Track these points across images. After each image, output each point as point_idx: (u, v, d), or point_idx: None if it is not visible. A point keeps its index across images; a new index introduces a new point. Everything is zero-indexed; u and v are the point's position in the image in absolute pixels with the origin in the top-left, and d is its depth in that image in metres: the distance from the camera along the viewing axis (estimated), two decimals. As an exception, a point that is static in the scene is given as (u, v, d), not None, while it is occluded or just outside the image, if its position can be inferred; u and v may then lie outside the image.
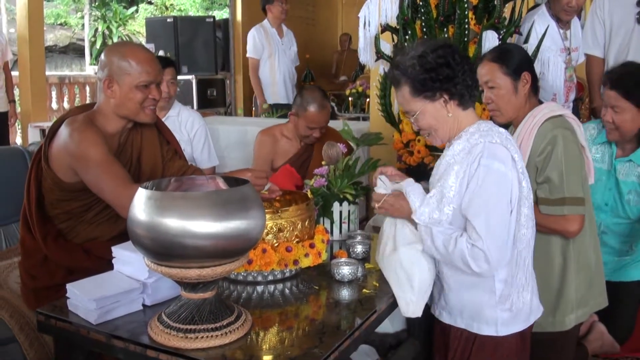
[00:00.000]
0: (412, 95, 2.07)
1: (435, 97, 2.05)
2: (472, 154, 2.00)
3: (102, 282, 1.96)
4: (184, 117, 3.97)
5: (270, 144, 3.59)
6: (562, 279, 2.47)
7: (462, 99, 2.07)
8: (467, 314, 2.12)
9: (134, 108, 2.41)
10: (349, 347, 1.79)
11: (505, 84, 2.46)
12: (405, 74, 2.06)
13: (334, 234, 2.65)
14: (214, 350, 1.66)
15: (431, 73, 2.02)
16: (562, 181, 2.33)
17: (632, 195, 2.87)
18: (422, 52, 2.04)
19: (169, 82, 3.79)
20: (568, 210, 2.32)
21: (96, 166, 2.26)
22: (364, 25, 3.63)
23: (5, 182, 3.17)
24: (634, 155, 2.83)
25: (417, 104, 2.08)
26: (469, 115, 2.11)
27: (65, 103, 9.04)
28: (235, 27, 7.72)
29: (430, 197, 2.04)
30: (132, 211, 1.63)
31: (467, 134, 2.07)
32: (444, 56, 2.02)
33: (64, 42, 24.19)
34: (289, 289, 2.13)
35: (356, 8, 4.02)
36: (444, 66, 2.02)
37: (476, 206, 1.96)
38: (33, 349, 2.43)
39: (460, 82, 2.04)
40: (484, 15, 3.37)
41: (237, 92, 7.68)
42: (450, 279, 2.13)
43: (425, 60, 2.02)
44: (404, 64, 2.07)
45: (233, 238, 1.60)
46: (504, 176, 1.97)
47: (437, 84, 2.03)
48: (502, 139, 2.02)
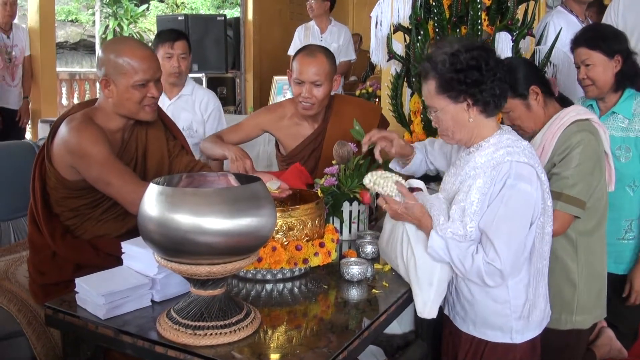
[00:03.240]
0: (437, 91, 2.03)
1: (459, 99, 2.01)
2: (497, 171, 1.96)
3: (111, 278, 1.96)
4: (199, 95, 3.79)
5: (269, 117, 3.18)
6: (564, 279, 2.43)
7: (486, 107, 2.02)
8: (481, 323, 2.11)
9: (132, 107, 2.38)
10: (358, 347, 1.78)
11: (516, 107, 2.42)
12: (435, 69, 2.02)
13: (344, 233, 2.63)
14: (223, 348, 1.65)
15: (460, 74, 1.97)
16: (567, 178, 2.29)
17: (621, 151, 2.81)
18: (456, 50, 1.99)
19: (180, 57, 3.62)
20: (560, 206, 2.28)
21: (99, 165, 2.25)
22: (376, 25, 3.61)
23: (14, 177, 3.17)
24: (617, 107, 2.79)
25: (440, 102, 2.04)
26: (491, 125, 2.07)
27: (76, 99, 9.09)
28: (246, 26, 7.73)
29: (453, 214, 2.00)
30: (143, 207, 1.62)
31: (490, 146, 2.03)
32: (476, 58, 1.97)
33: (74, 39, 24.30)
34: (298, 287, 2.13)
35: (367, 8, 4.03)
36: (474, 69, 1.97)
37: (498, 226, 1.93)
38: (40, 343, 2.43)
39: (487, 89, 1.98)
40: (497, 17, 3.35)
41: (247, 90, 7.69)
42: (465, 288, 2.12)
43: (457, 59, 1.97)
44: (436, 57, 2.02)
45: (244, 235, 1.59)
46: (529, 195, 1.95)
47: (463, 86, 1.98)
48: (528, 157, 1.99)
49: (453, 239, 1.97)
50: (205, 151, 3.05)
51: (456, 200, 2.03)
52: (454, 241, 1.97)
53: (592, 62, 2.71)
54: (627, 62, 2.72)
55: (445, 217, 2.00)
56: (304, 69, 2.91)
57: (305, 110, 2.98)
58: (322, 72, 2.91)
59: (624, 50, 2.72)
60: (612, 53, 2.69)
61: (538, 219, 2.00)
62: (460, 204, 2.00)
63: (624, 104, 2.76)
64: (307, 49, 2.99)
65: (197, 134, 3.72)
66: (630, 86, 2.78)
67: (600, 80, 2.72)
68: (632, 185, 2.76)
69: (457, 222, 1.98)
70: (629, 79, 2.76)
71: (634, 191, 2.76)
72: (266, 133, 3.26)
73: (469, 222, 1.96)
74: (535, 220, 1.99)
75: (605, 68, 2.71)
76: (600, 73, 2.71)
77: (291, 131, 3.14)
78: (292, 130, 3.14)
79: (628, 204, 2.78)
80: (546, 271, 2.13)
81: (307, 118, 3.07)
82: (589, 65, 2.72)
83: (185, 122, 3.69)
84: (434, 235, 1.99)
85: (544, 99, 2.45)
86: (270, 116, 3.17)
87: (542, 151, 2.41)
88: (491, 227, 1.94)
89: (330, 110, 3.10)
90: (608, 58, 2.70)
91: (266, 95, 6.80)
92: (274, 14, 7.78)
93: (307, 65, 2.91)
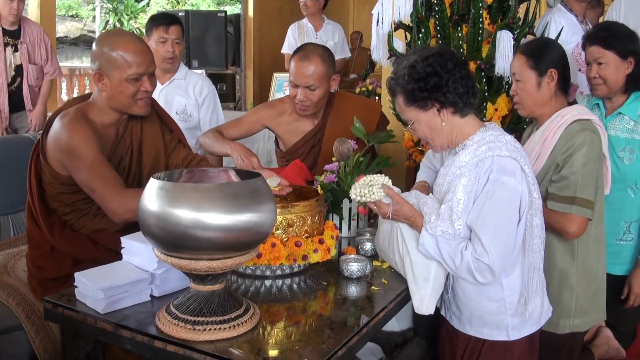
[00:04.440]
0: (405, 104, 2.08)
1: (427, 106, 2.05)
2: (480, 167, 1.98)
3: (111, 272, 1.95)
4: (192, 80, 3.74)
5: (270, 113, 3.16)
6: (562, 283, 2.44)
7: (456, 107, 2.05)
8: (477, 322, 2.12)
9: (125, 101, 2.36)
10: (356, 343, 1.78)
11: (529, 78, 2.44)
12: (398, 83, 2.07)
13: (343, 230, 2.63)
14: (222, 343, 1.65)
15: (419, 83, 2.01)
16: (577, 181, 2.31)
17: (625, 153, 2.81)
18: (414, 61, 2.03)
19: (174, 42, 3.57)
20: (576, 210, 2.29)
21: (86, 167, 2.24)
22: (377, 23, 3.60)
23: (13, 171, 3.17)
24: (623, 108, 2.79)
25: (411, 113, 2.08)
26: (470, 123, 2.09)
27: (75, 94, 9.09)
28: (246, 23, 7.72)
29: (442, 212, 2.02)
30: (143, 201, 1.62)
31: (474, 144, 2.05)
32: (432, 65, 2.01)
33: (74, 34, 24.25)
34: (297, 284, 2.13)
35: (368, 6, 4.01)
36: (432, 75, 2.00)
37: (484, 221, 1.94)
38: (39, 337, 2.43)
39: (450, 91, 2.01)
40: (498, 15, 3.35)
41: (247, 87, 7.68)
42: (460, 287, 2.13)
43: (415, 70, 2.02)
44: (397, 72, 2.07)
45: (244, 231, 1.59)
46: (513, 189, 1.96)
47: (425, 93, 2.02)
48: (511, 150, 2.00)
49: (443, 237, 1.98)
50: (206, 147, 3.03)
51: (445, 200, 2.05)
52: (444, 239, 1.98)
53: (605, 61, 2.70)
54: (639, 64, 2.71)
55: (436, 216, 2.01)
56: (298, 73, 2.90)
57: (301, 111, 2.99)
58: (317, 77, 2.90)
59: (638, 53, 2.71)
60: (626, 54, 2.68)
61: (526, 212, 2.00)
62: (449, 203, 2.02)
63: (630, 106, 2.75)
64: (303, 51, 2.97)
65: (192, 118, 3.69)
66: (638, 89, 2.77)
67: (611, 80, 2.72)
68: (634, 187, 2.75)
69: (446, 221, 1.99)
70: (639, 81, 2.75)
71: (635, 193, 2.76)
72: (266, 130, 3.25)
73: (457, 220, 1.98)
74: (524, 214, 2.00)
75: (618, 68, 2.70)
76: (612, 73, 2.71)
77: (291, 127, 3.13)
78: (292, 127, 3.13)
79: (629, 206, 2.77)
80: (540, 265, 2.13)
81: (307, 115, 3.07)
82: (601, 64, 2.71)
83: (179, 106, 3.66)
84: (425, 233, 2.01)
85: (556, 88, 2.46)
86: (270, 112, 3.17)
87: (541, 147, 2.41)
88: (477, 223, 1.95)
89: (330, 107, 3.10)
90: (621, 59, 2.69)
91: (266, 92, 6.80)
92: (274, 10, 7.77)
93: (301, 69, 2.90)
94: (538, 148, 2.43)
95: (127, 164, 2.48)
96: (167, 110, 2.82)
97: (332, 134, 2.96)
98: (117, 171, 2.35)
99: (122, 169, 2.46)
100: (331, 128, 3.05)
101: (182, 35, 3.64)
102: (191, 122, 3.67)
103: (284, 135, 3.17)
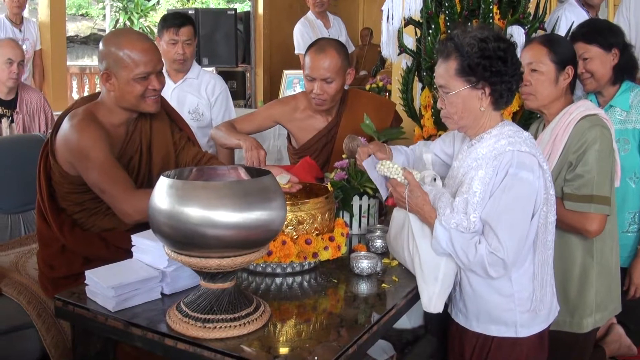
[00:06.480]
0: (456, 73, 2.02)
1: (478, 85, 2.01)
2: (499, 161, 1.97)
3: (121, 270, 1.96)
4: (205, 79, 3.73)
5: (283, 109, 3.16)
6: (583, 281, 2.43)
7: (499, 99, 2.03)
8: (484, 318, 2.11)
9: (134, 101, 2.36)
10: (367, 341, 1.77)
11: (548, 71, 2.43)
12: (459, 50, 2.00)
13: (354, 227, 2.63)
14: (232, 341, 1.65)
15: (486, 61, 1.97)
16: (593, 179, 2.29)
17: (620, 144, 2.80)
18: (485, 37, 1.99)
19: (185, 44, 3.55)
20: (595, 208, 2.29)
21: (96, 168, 2.24)
22: (387, 19, 3.59)
23: (24, 169, 3.18)
24: (614, 100, 2.80)
25: (456, 83, 2.03)
26: (496, 118, 2.08)
27: (86, 93, 9.13)
28: (256, 20, 7.71)
29: (457, 205, 1.99)
30: (153, 199, 1.62)
31: (491, 137, 2.04)
32: (504, 50, 1.98)
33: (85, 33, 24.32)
34: (307, 281, 2.12)
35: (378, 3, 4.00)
36: (500, 60, 1.97)
37: (501, 215, 1.93)
38: (50, 335, 2.44)
39: (506, 82, 1.99)
40: (508, 10, 3.33)
41: (257, 85, 7.67)
42: (468, 283, 2.11)
43: (486, 46, 1.97)
44: (462, 40, 2.01)
45: (254, 228, 1.59)
46: (531, 185, 1.95)
47: (487, 73, 1.98)
48: (530, 146, 1.99)
49: (457, 230, 1.96)
50: (217, 139, 3.03)
51: (459, 192, 2.03)
52: (457, 232, 1.96)
53: (590, 55, 2.74)
54: (624, 55, 2.75)
55: (451, 209, 2.00)
56: (314, 66, 2.89)
57: (318, 105, 2.99)
58: (334, 68, 2.90)
59: (621, 43, 2.75)
60: (609, 46, 2.72)
61: (541, 208, 1.99)
62: (464, 195, 2.00)
63: (621, 97, 2.78)
64: (318, 44, 2.97)
65: (204, 117, 3.68)
66: (628, 79, 2.80)
67: (598, 73, 2.74)
68: (634, 177, 2.75)
69: (460, 214, 1.97)
70: (626, 71, 2.79)
71: (635, 183, 2.75)
72: (276, 127, 3.24)
73: (472, 212, 1.96)
74: (538, 210, 1.98)
75: (603, 61, 2.74)
76: (598, 66, 2.74)
77: (304, 124, 3.13)
78: (305, 123, 3.13)
79: (631, 196, 2.78)
80: (551, 261, 2.12)
81: (320, 111, 3.06)
82: (586, 59, 2.74)
83: (191, 106, 3.65)
84: (438, 226, 1.99)
85: (568, 85, 2.47)
86: (283, 108, 3.16)
87: (552, 146, 2.40)
88: (494, 217, 1.94)
89: (344, 104, 3.09)
90: (605, 51, 2.73)
91: (276, 90, 6.79)
92: (284, 8, 7.75)
93: (318, 61, 2.89)
94: (549, 147, 2.42)
95: (136, 162, 2.48)
96: (179, 110, 2.82)
97: (345, 131, 2.95)
98: (127, 170, 2.36)
99: (131, 168, 2.46)
100: (345, 125, 3.05)
101: (194, 36, 3.62)
102: (203, 122, 3.66)
103: (296, 132, 3.17)
